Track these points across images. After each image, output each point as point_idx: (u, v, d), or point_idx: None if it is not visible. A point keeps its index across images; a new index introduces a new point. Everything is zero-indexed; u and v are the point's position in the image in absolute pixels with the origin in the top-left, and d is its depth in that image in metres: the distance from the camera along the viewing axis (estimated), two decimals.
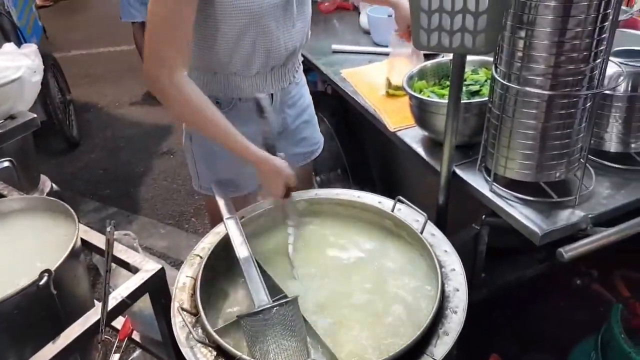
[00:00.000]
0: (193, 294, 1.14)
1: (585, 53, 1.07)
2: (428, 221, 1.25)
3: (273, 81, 1.49)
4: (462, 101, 1.24)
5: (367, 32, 2.26)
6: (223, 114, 1.48)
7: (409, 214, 1.29)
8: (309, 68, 2.11)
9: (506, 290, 1.65)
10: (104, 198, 3.17)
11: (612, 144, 1.31)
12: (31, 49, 1.84)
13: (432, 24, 1.02)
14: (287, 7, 1.35)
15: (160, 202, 3.09)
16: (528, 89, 1.11)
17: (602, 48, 1.08)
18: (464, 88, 1.37)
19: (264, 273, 1.17)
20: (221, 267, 1.24)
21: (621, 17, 1.88)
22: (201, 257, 1.24)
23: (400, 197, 1.30)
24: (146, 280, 1.20)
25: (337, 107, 2.22)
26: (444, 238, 1.24)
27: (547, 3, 1.02)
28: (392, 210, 1.30)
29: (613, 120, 1.29)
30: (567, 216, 1.17)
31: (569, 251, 1.05)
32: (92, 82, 4.68)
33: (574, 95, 1.11)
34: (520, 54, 1.09)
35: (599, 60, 1.10)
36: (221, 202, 1.32)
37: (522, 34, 1.07)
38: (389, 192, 1.42)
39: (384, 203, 1.34)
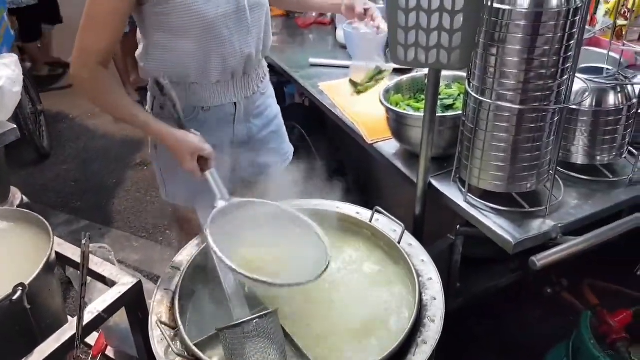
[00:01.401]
0: (171, 307, 1.13)
1: (553, 70, 1.12)
2: (405, 231, 1.27)
3: (235, 90, 1.49)
4: (437, 114, 1.27)
5: (343, 47, 2.30)
6: (187, 122, 1.49)
7: (387, 224, 1.31)
8: (287, 80, 2.13)
9: (481, 299, 1.69)
10: (76, 210, 3.11)
11: (579, 157, 1.37)
12: (12, 59, 1.83)
13: (409, 41, 1.05)
14: (240, 15, 1.38)
15: (133, 214, 3.05)
16: (500, 103, 1.15)
17: (568, 65, 1.13)
18: (439, 102, 1.41)
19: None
20: (200, 280, 1.23)
21: (585, 36, 1.97)
22: (179, 270, 1.24)
23: (378, 208, 1.32)
24: (123, 294, 1.19)
25: (314, 119, 2.25)
26: (421, 248, 1.27)
27: (517, 22, 1.07)
28: (370, 221, 1.32)
29: (579, 134, 1.34)
30: (539, 226, 1.21)
31: (541, 259, 1.08)
32: (64, 93, 4.59)
33: (542, 110, 1.15)
34: (492, 70, 1.13)
35: (565, 77, 1.15)
36: (200, 213, 1.31)
37: (494, 51, 1.11)
38: (367, 203, 1.44)
39: (362, 213, 1.36)
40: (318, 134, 2.24)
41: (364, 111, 1.76)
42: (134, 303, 1.22)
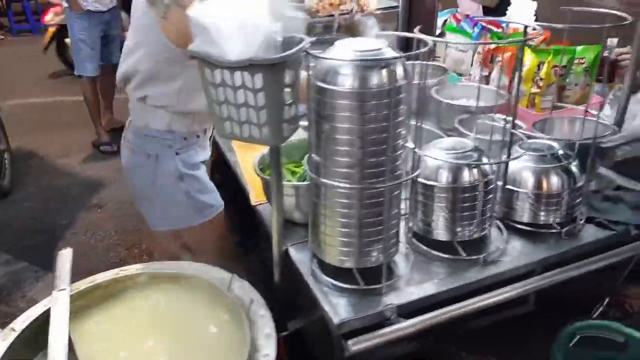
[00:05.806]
0: None
1: (384, 146, 1.09)
2: (259, 300, 1.22)
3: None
4: (291, 183, 1.26)
5: None
6: (188, 148, 1.62)
7: (247, 292, 1.26)
8: None
9: None
10: (21, 250, 3.09)
11: (439, 233, 1.33)
12: None
13: (223, 114, 1.05)
14: None
15: (73, 258, 3.02)
16: (325, 181, 1.12)
17: (399, 141, 1.11)
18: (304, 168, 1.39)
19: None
20: (43, 343, 1.19)
21: (500, 102, 1.95)
22: (15, 331, 1.21)
23: (235, 275, 1.29)
24: None
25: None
26: (269, 320, 1.21)
27: (339, 101, 1.05)
28: (229, 287, 1.27)
29: (439, 210, 1.30)
30: (375, 305, 1.16)
31: (354, 344, 1.03)
32: (39, 131, 4.67)
33: (375, 187, 1.12)
34: (323, 147, 1.11)
35: (399, 152, 1.12)
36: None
37: (324, 127, 1.09)
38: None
39: (225, 279, 1.31)
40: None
41: None
42: None
